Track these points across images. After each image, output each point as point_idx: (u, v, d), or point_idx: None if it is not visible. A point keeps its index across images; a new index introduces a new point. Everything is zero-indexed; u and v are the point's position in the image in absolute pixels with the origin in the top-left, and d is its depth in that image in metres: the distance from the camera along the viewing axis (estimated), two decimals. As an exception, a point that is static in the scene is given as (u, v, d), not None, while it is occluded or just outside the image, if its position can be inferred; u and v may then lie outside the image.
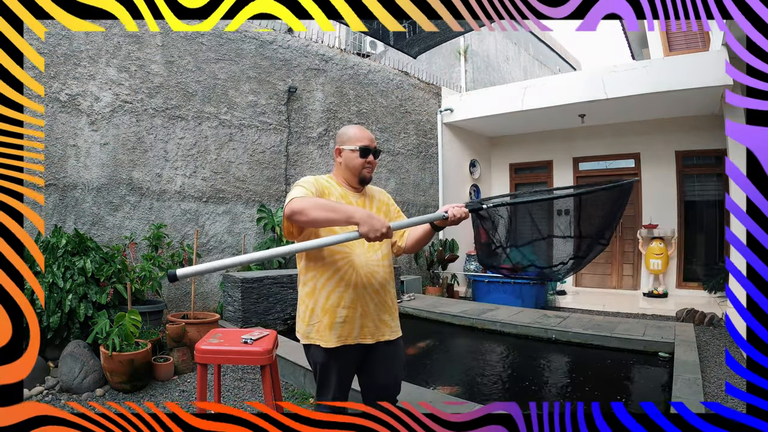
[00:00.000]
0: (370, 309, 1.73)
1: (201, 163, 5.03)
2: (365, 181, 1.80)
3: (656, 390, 3.17)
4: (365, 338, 1.73)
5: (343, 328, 1.69)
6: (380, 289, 1.76)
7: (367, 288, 1.72)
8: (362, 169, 1.77)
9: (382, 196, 1.92)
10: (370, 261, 1.73)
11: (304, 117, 5.97)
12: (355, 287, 1.70)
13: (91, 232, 4.26)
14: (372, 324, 1.74)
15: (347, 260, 1.70)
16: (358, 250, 1.72)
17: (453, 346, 4.48)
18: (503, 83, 9.05)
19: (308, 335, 1.74)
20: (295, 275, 4.81)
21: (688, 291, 6.72)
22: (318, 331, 1.71)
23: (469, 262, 7.54)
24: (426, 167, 7.53)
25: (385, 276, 1.77)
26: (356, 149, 1.76)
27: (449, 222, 1.68)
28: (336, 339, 1.69)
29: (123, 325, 3.10)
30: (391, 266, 1.83)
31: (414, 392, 2.60)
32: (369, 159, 1.77)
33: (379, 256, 1.76)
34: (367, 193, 1.86)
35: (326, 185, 1.76)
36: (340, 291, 1.69)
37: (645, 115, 6.79)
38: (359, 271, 1.70)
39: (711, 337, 4.57)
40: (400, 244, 1.85)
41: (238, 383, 3.27)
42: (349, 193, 1.80)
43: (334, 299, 1.69)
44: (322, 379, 1.77)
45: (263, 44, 5.53)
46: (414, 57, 6.05)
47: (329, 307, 1.69)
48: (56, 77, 4.13)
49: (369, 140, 1.78)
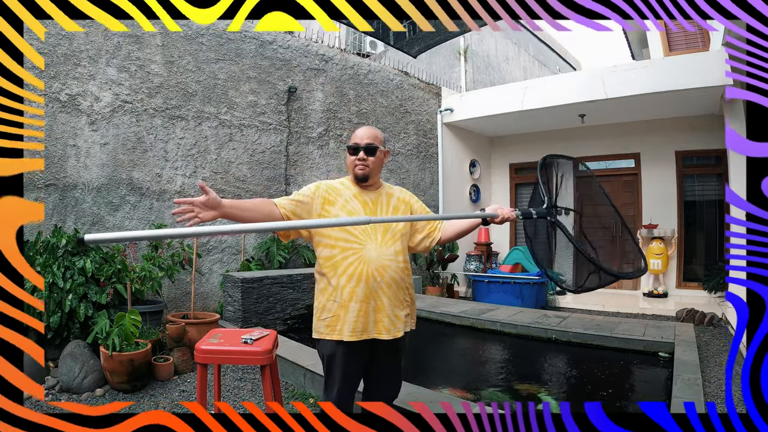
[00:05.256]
0: (384, 304, 1.75)
1: (201, 163, 5.03)
2: (359, 178, 1.83)
3: (656, 390, 3.17)
4: (380, 333, 1.75)
5: (357, 323, 1.72)
6: (393, 283, 1.77)
7: (380, 282, 1.74)
8: (354, 167, 1.82)
9: (402, 194, 1.95)
10: (383, 256, 1.76)
11: (304, 117, 5.97)
12: (366, 282, 1.72)
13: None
14: (387, 319, 1.76)
15: (359, 255, 1.74)
16: (370, 244, 1.75)
17: (453, 346, 4.48)
18: (503, 83, 9.05)
19: (318, 330, 1.80)
20: (296, 275, 4.83)
21: (688, 291, 6.72)
22: (328, 325, 1.76)
23: (469, 262, 7.54)
24: (426, 167, 7.53)
25: (398, 271, 1.79)
26: (347, 148, 1.84)
27: (496, 222, 1.72)
28: (350, 333, 1.72)
29: (123, 325, 3.10)
30: (406, 262, 1.85)
31: (414, 392, 2.60)
32: (359, 156, 1.80)
33: (392, 251, 1.78)
34: (383, 192, 1.89)
35: (336, 187, 1.83)
36: (352, 286, 1.73)
37: (645, 115, 6.79)
38: (371, 265, 1.73)
39: (711, 337, 4.57)
40: (435, 235, 1.88)
41: (238, 383, 3.27)
42: (362, 192, 1.84)
43: (347, 294, 1.73)
44: (328, 373, 1.81)
45: (263, 44, 5.53)
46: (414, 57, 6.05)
47: (344, 302, 1.73)
48: (56, 77, 4.13)
49: (359, 138, 1.83)
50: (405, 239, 1.85)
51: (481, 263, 7.45)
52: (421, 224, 1.89)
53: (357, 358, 1.78)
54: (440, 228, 1.88)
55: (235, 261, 5.24)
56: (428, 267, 7.08)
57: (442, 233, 1.88)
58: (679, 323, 4.62)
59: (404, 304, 1.82)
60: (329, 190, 1.81)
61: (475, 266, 7.43)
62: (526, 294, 6.23)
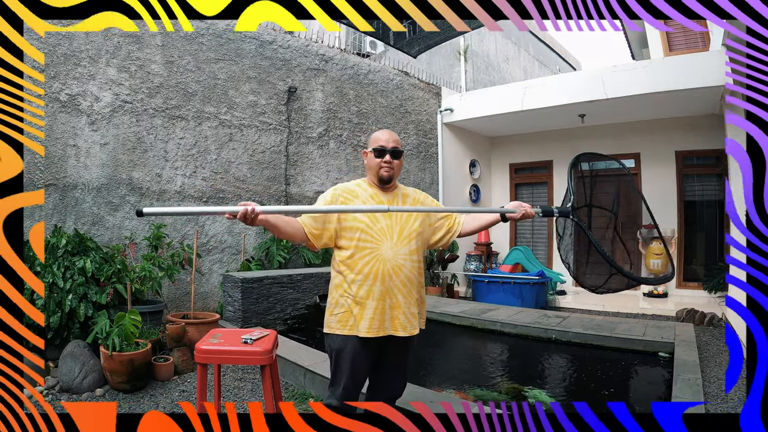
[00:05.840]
0: (400, 302, 1.81)
1: (201, 163, 5.03)
2: (383, 180, 1.89)
3: (656, 390, 3.17)
4: (396, 330, 1.81)
5: (373, 320, 1.78)
6: (407, 282, 1.83)
7: (395, 280, 1.80)
8: (379, 169, 1.87)
9: (417, 194, 2.01)
10: (398, 254, 1.82)
11: (304, 117, 5.96)
12: (382, 280, 1.79)
13: (91, 232, 4.26)
14: (403, 317, 1.82)
15: (375, 254, 1.80)
16: (385, 243, 1.81)
17: (453, 345, 4.48)
18: (503, 83, 9.05)
19: (330, 324, 1.86)
20: (296, 275, 4.83)
21: (688, 291, 6.71)
22: (340, 321, 1.82)
23: (469, 262, 7.54)
24: (426, 167, 7.53)
25: (412, 269, 1.85)
26: (373, 150, 1.88)
27: (516, 218, 1.82)
28: (366, 330, 1.78)
29: (123, 325, 3.10)
30: (420, 261, 1.90)
31: (414, 391, 2.60)
32: (386, 159, 1.86)
33: (407, 250, 1.84)
34: (399, 193, 1.95)
35: (354, 190, 1.90)
36: (369, 284, 1.79)
37: (645, 115, 6.78)
38: (387, 264, 1.79)
39: (711, 337, 4.57)
40: (455, 229, 1.97)
41: (238, 383, 3.27)
42: (379, 193, 1.91)
43: (364, 292, 1.79)
44: (336, 367, 1.86)
45: (263, 44, 5.53)
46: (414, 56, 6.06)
47: (360, 299, 1.79)
48: (56, 77, 4.13)
49: (385, 141, 1.88)
50: (420, 238, 1.90)
51: (481, 263, 7.45)
52: (439, 223, 1.97)
53: (367, 354, 1.83)
54: (460, 222, 1.97)
55: (235, 261, 5.24)
56: (428, 267, 7.07)
57: (463, 228, 1.96)
58: (679, 323, 4.62)
59: (418, 302, 1.89)
60: (346, 194, 1.88)
61: (475, 266, 7.43)
62: (526, 294, 6.23)
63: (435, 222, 1.97)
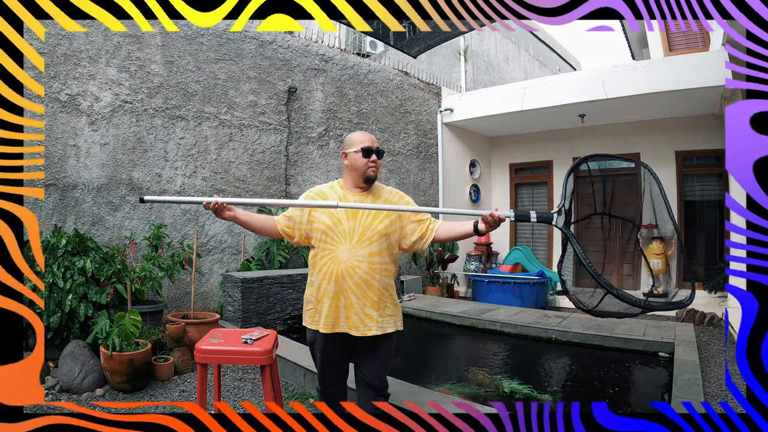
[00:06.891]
0: (353, 302, 1.86)
1: (201, 163, 5.03)
2: (370, 179, 1.94)
3: (656, 390, 3.17)
4: (351, 330, 1.87)
5: (328, 317, 1.87)
6: (362, 283, 1.85)
7: (348, 281, 1.85)
8: (366, 169, 1.91)
9: (392, 195, 2.01)
10: (354, 257, 1.85)
11: (304, 117, 5.97)
12: (336, 280, 1.85)
13: (91, 232, 4.26)
14: (356, 317, 1.86)
15: (332, 255, 1.87)
16: (343, 245, 1.87)
17: (453, 345, 4.48)
18: (503, 83, 9.04)
19: (305, 319, 2.00)
20: (296, 275, 4.84)
21: (688, 291, 6.70)
22: (311, 316, 1.94)
23: (469, 262, 7.54)
24: (426, 167, 7.53)
25: (369, 271, 1.86)
26: (359, 150, 1.90)
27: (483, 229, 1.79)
28: (323, 326, 1.88)
29: (123, 325, 3.10)
30: (383, 263, 1.90)
31: (414, 391, 2.60)
32: (372, 158, 1.91)
33: (366, 252, 1.86)
34: (372, 193, 1.97)
35: (325, 191, 1.97)
36: (325, 284, 1.87)
37: (645, 115, 6.78)
38: (341, 265, 1.85)
39: (711, 337, 4.57)
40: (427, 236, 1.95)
41: (238, 383, 3.27)
42: (349, 194, 1.95)
43: (322, 290, 1.89)
44: (313, 359, 2.04)
45: (263, 44, 5.53)
46: (414, 57, 6.05)
47: (320, 297, 1.90)
48: (56, 77, 4.13)
49: (371, 141, 1.93)
50: (387, 240, 1.90)
51: (481, 263, 7.45)
52: (412, 226, 1.96)
53: (334, 348, 1.93)
54: (433, 229, 1.96)
55: (235, 261, 5.24)
56: (428, 267, 7.08)
57: (437, 235, 1.96)
58: (679, 323, 4.62)
59: (378, 305, 1.88)
60: (316, 195, 1.96)
61: (475, 266, 7.43)
62: (526, 294, 6.23)
63: (407, 224, 1.95)
